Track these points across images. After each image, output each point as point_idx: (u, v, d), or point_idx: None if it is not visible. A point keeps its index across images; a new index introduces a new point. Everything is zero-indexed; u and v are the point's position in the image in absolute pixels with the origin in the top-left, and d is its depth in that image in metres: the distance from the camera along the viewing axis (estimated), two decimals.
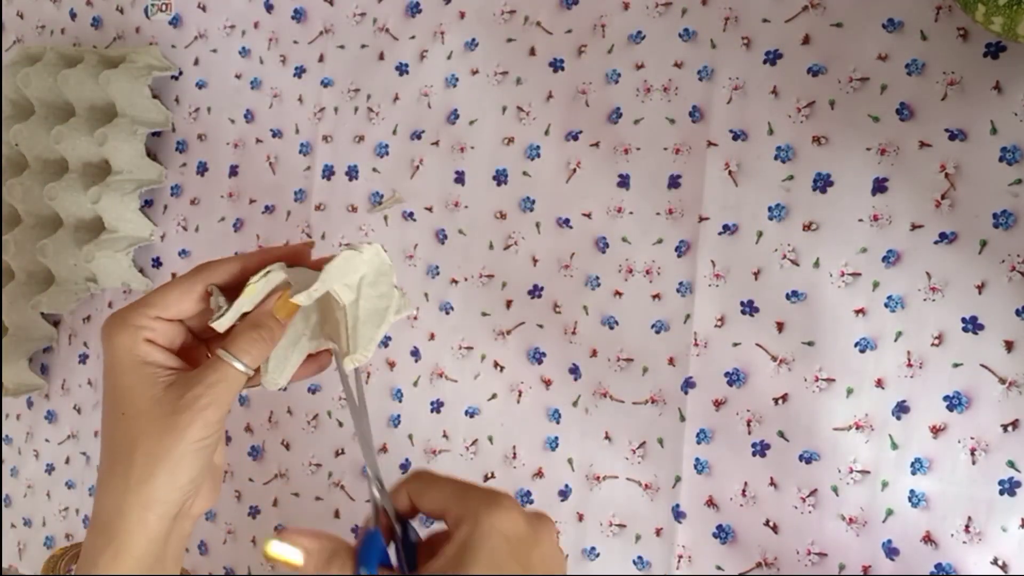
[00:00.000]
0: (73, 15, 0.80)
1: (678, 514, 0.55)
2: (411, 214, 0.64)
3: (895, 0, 0.50)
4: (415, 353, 0.63)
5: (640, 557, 0.56)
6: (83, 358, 0.78)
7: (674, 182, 0.56)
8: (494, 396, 0.60)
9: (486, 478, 0.60)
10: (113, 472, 0.36)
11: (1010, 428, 0.47)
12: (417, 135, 0.64)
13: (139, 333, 0.36)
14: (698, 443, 0.54)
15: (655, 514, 0.55)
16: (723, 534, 0.53)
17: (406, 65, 0.65)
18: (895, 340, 0.49)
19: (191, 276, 0.38)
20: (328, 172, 0.67)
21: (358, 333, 0.38)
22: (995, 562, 0.47)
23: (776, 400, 0.52)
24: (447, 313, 0.62)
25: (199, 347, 0.41)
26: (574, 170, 0.59)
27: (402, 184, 0.64)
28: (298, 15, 0.69)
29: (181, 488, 0.36)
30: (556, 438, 0.58)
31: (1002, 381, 0.47)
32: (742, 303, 0.53)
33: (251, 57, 0.71)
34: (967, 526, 0.47)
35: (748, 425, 0.53)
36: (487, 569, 0.31)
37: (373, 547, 0.34)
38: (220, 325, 0.37)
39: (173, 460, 0.35)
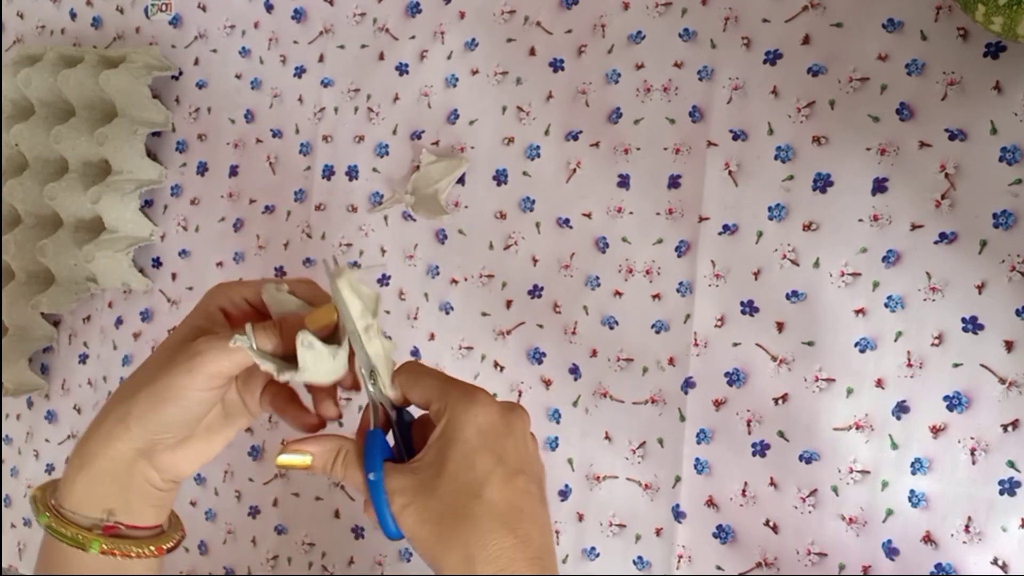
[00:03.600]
0: (73, 15, 0.80)
1: (678, 514, 0.55)
2: (411, 214, 0.64)
3: (895, 0, 0.50)
4: (415, 353, 0.63)
5: (640, 557, 0.56)
6: (83, 358, 0.78)
7: (674, 182, 0.56)
8: (494, 396, 0.60)
9: None
10: (119, 387, 0.40)
11: (1010, 428, 0.47)
12: (417, 135, 0.64)
13: (218, 301, 0.41)
14: (698, 443, 0.54)
15: (655, 514, 0.55)
16: (723, 534, 0.53)
17: (406, 65, 0.65)
18: (895, 340, 0.49)
19: (304, 282, 0.41)
20: (328, 172, 0.67)
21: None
22: (995, 562, 0.46)
23: (776, 400, 0.52)
24: (447, 313, 0.62)
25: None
26: (574, 170, 0.59)
27: (402, 184, 0.64)
28: (298, 15, 0.69)
29: (150, 424, 0.38)
30: (556, 438, 0.58)
31: (1002, 381, 0.47)
32: (742, 303, 0.53)
33: (251, 57, 0.71)
34: (967, 526, 0.47)
35: (748, 425, 0.53)
36: (462, 459, 0.35)
37: (375, 446, 0.38)
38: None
39: (152, 391, 0.37)
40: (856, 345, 0.50)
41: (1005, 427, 0.47)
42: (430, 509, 0.35)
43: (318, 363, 0.38)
